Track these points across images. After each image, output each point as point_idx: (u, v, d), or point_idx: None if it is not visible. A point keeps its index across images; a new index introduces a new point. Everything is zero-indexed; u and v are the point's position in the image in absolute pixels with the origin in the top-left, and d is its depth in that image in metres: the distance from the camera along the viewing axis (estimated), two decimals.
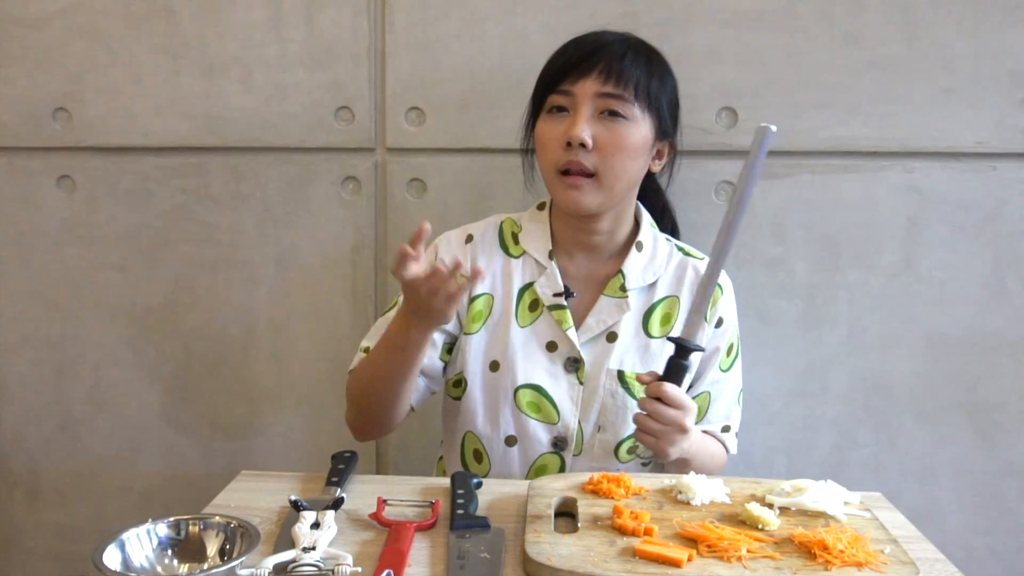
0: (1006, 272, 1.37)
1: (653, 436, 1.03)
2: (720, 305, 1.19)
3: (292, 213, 1.45)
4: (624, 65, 1.09)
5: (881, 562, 0.80)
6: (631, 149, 1.10)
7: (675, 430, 1.02)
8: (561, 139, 1.10)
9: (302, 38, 1.41)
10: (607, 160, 1.09)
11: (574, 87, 1.10)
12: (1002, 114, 1.33)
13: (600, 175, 1.10)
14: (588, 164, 1.09)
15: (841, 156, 1.36)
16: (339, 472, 1.01)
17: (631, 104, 1.09)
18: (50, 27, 1.45)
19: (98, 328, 1.52)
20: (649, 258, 1.19)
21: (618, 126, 1.09)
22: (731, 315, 1.21)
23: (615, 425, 1.15)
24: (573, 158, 1.09)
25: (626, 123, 1.10)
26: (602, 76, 1.09)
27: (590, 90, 1.09)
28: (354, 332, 1.47)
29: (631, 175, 1.13)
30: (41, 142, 1.48)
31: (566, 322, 1.16)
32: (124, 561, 0.77)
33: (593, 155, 1.09)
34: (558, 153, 1.11)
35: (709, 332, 1.19)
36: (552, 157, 1.12)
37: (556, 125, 1.11)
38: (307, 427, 1.51)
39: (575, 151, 1.09)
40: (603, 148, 1.09)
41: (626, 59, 1.10)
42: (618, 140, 1.09)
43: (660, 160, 1.19)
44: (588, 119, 1.09)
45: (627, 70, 1.09)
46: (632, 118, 1.10)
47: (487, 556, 0.83)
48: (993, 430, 1.40)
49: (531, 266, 1.20)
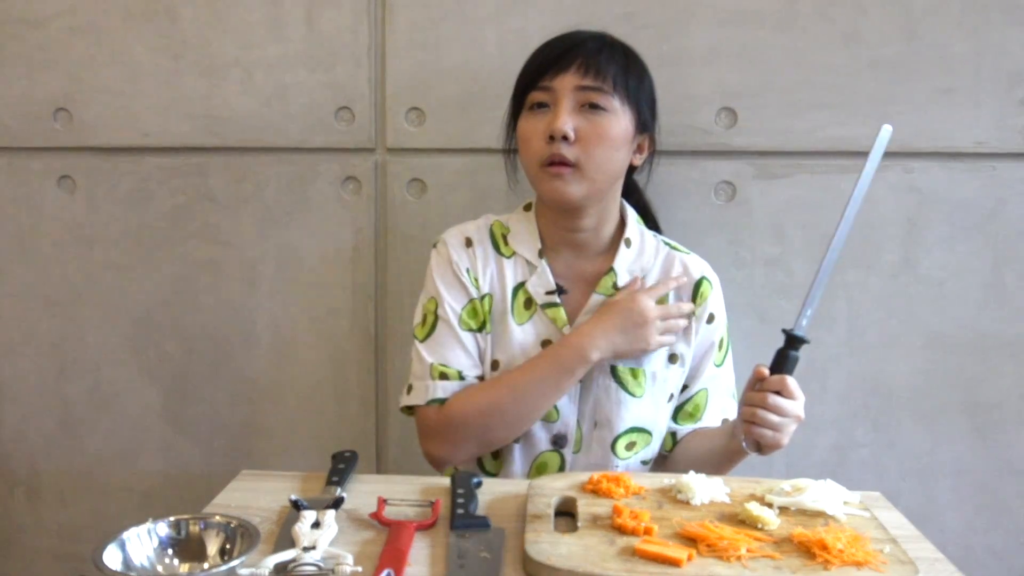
0: (1006, 272, 1.37)
1: (772, 429, 1.04)
2: (710, 301, 1.20)
3: (292, 213, 1.45)
4: (601, 60, 1.11)
5: (880, 561, 0.80)
6: (612, 140, 1.12)
7: (793, 420, 1.05)
8: (543, 133, 1.11)
9: (302, 38, 1.41)
10: (589, 151, 1.11)
11: (553, 82, 1.11)
12: (1002, 114, 1.33)
13: (582, 166, 1.11)
14: (570, 156, 1.11)
15: (841, 156, 1.36)
16: (339, 472, 1.01)
17: (610, 96, 1.11)
18: (50, 27, 1.45)
19: (98, 328, 1.52)
20: (637, 254, 1.21)
21: (599, 118, 1.11)
22: (720, 310, 1.23)
23: (611, 421, 1.16)
24: (556, 151, 1.11)
25: (606, 115, 1.11)
26: (581, 70, 1.10)
27: (569, 84, 1.11)
28: (354, 332, 1.47)
29: (613, 166, 1.14)
30: (41, 142, 1.48)
31: (560, 320, 1.17)
32: (124, 561, 0.77)
33: (575, 147, 1.11)
34: (541, 147, 1.12)
35: (701, 329, 1.20)
36: (535, 151, 1.13)
37: (538, 121, 1.13)
38: (307, 427, 1.51)
39: (557, 144, 1.10)
40: (585, 140, 1.11)
41: (602, 54, 1.12)
42: (600, 131, 1.11)
43: (641, 154, 1.20)
44: (569, 112, 1.11)
45: (604, 64, 1.11)
46: (612, 110, 1.11)
47: (487, 556, 0.83)
48: (992, 430, 1.40)
49: (522, 265, 1.20)
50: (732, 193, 1.39)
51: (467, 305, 1.18)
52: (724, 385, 1.23)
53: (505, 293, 1.19)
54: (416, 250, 1.43)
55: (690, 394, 1.22)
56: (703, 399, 1.21)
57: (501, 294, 1.19)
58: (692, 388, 1.22)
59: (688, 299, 1.20)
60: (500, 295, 1.19)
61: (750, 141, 1.37)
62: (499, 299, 1.19)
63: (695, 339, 1.20)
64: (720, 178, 1.38)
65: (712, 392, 1.22)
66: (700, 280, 1.21)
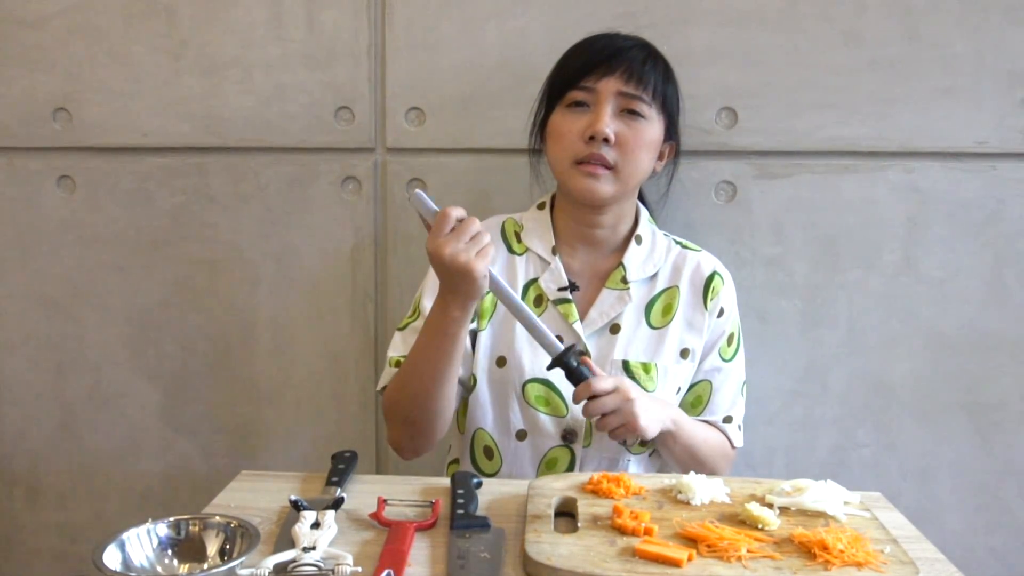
0: (1006, 272, 1.37)
1: (619, 422, 1.06)
2: (721, 295, 1.22)
3: (292, 213, 1.45)
4: (645, 69, 1.14)
5: (881, 562, 0.80)
6: (648, 146, 1.16)
7: (624, 403, 1.05)
8: (582, 132, 1.14)
9: (302, 38, 1.41)
10: (627, 155, 1.14)
11: (597, 84, 1.14)
12: (1002, 114, 1.33)
13: (619, 168, 1.14)
14: (609, 158, 1.14)
15: (841, 156, 1.36)
16: (339, 472, 1.01)
17: (649, 105, 1.14)
18: (50, 27, 1.45)
19: (98, 328, 1.52)
20: (648, 251, 1.22)
21: (637, 124, 1.14)
22: (731, 305, 1.24)
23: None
24: (595, 151, 1.13)
25: (644, 121, 1.15)
26: (624, 76, 1.13)
27: (612, 88, 1.13)
28: (354, 332, 1.47)
29: (644, 170, 1.18)
30: (41, 142, 1.48)
31: (571, 315, 1.18)
32: (124, 561, 0.77)
33: (614, 150, 1.14)
34: (578, 146, 1.14)
35: (711, 322, 1.21)
36: (570, 149, 1.15)
37: (576, 119, 1.15)
38: (307, 427, 1.51)
39: (597, 144, 1.13)
40: (624, 144, 1.14)
41: (647, 64, 1.15)
42: (638, 137, 1.14)
43: (662, 160, 1.23)
44: (611, 115, 1.13)
45: (647, 73, 1.14)
46: (649, 117, 1.15)
47: (487, 556, 0.83)
48: (993, 430, 1.40)
49: (534, 262, 1.22)
50: (732, 193, 1.39)
51: None
52: (732, 379, 1.24)
53: (514, 290, 1.19)
54: (416, 250, 1.43)
55: (691, 383, 1.23)
56: (706, 391, 1.23)
57: None
58: (694, 378, 1.23)
59: (700, 296, 1.21)
60: None
61: (750, 141, 1.37)
62: None
63: (707, 333, 1.21)
64: (720, 178, 1.38)
65: (716, 386, 1.22)
66: (711, 275, 1.22)
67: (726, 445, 1.23)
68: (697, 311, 1.21)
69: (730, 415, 1.23)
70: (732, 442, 1.23)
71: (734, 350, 1.24)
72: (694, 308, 1.21)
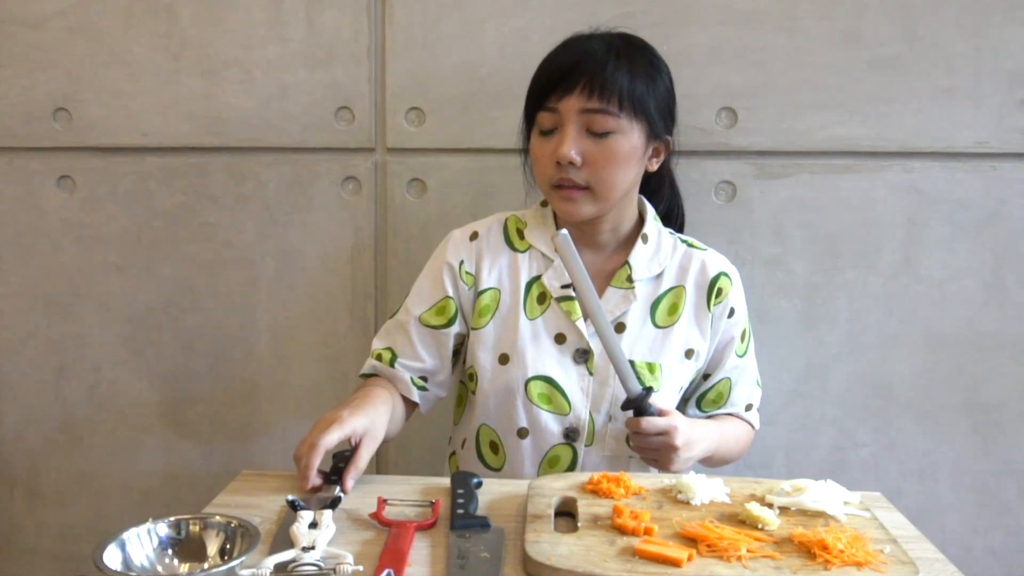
0: (1006, 272, 1.37)
1: (654, 458, 1.10)
2: (730, 296, 1.22)
3: (292, 213, 1.45)
4: (606, 76, 1.09)
5: (881, 562, 0.80)
6: (621, 160, 1.12)
7: (667, 450, 1.08)
8: (552, 157, 1.12)
9: (302, 38, 1.41)
10: (598, 174, 1.12)
11: (559, 104, 1.11)
12: (1002, 114, 1.33)
13: (593, 188, 1.13)
14: (579, 180, 1.12)
15: (841, 156, 1.36)
16: (339, 471, 1.00)
17: (617, 116, 1.10)
18: (50, 27, 1.45)
19: (98, 328, 1.52)
20: (654, 250, 1.22)
21: (606, 140, 1.11)
22: (741, 304, 1.24)
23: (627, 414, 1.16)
24: (565, 175, 1.12)
25: (614, 136, 1.11)
26: (585, 92, 1.09)
27: (574, 107, 1.10)
28: (354, 332, 1.47)
29: (625, 184, 1.15)
30: (41, 142, 1.48)
31: (575, 313, 1.17)
32: (124, 561, 0.77)
33: (584, 171, 1.12)
34: (551, 170, 1.14)
35: (723, 323, 1.22)
36: (545, 173, 1.15)
37: (547, 143, 1.14)
38: (307, 427, 1.50)
39: (565, 168, 1.12)
40: (593, 163, 1.11)
41: (608, 68, 1.09)
42: (608, 154, 1.11)
43: (657, 159, 1.20)
44: (575, 137, 1.11)
45: (609, 81, 1.09)
46: (619, 130, 1.11)
47: (487, 556, 0.83)
48: (992, 430, 1.40)
49: (538, 259, 1.21)
50: (732, 193, 1.39)
51: (437, 303, 1.20)
52: (748, 374, 1.26)
53: (517, 288, 1.20)
54: (416, 250, 1.43)
55: (713, 383, 1.24)
56: (726, 387, 1.25)
57: (512, 288, 1.20)
58: (715, 377, 1.24)
59: (704, 298, 1.21)
60: (510, 290, 1.20)
61: (750, 141, 1.37)
62: (508, 294, 1.20)
63: (713, 333, 1.21)
64: (720, 178, 1.38)
65: (736, 381, 1.25)
66: (718, 276, 1.21)
67: (750, 433, 1.27)
68: (702, 312, 1.21)
69: (750, 403, 1.27)
70: (753, 426, 1.27)
71: (746, 346, 1.26)
72: (699, 309, 1.21)
